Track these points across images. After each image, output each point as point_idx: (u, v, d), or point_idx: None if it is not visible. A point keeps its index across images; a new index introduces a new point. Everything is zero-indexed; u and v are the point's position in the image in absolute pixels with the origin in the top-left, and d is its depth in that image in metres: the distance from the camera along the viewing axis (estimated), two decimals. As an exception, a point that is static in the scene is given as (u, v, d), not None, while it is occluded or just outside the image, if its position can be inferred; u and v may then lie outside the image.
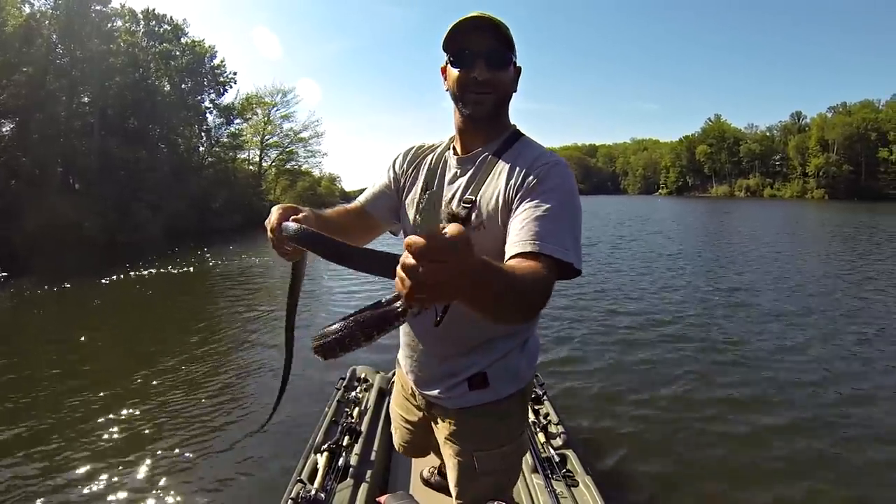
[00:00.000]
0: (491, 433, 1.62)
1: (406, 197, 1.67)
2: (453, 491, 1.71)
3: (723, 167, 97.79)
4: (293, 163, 54.58)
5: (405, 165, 1.71)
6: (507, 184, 1.39)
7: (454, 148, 1.59)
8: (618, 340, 6.69)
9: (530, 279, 1.08)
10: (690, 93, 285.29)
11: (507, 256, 1.25)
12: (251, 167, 48.91)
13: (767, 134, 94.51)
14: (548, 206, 1.28)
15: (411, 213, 1.61)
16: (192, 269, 16.23)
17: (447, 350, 1.60)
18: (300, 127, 53.08)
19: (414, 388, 1.78)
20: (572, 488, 2.33)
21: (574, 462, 2.53)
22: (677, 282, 10.68)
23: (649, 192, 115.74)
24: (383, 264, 0.93)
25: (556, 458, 2.53)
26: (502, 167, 1.43)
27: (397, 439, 2.02)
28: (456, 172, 1.55)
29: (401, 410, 1.94)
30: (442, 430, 1.69)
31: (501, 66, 1.41)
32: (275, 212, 1.32)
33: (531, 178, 1.36)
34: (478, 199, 1.44)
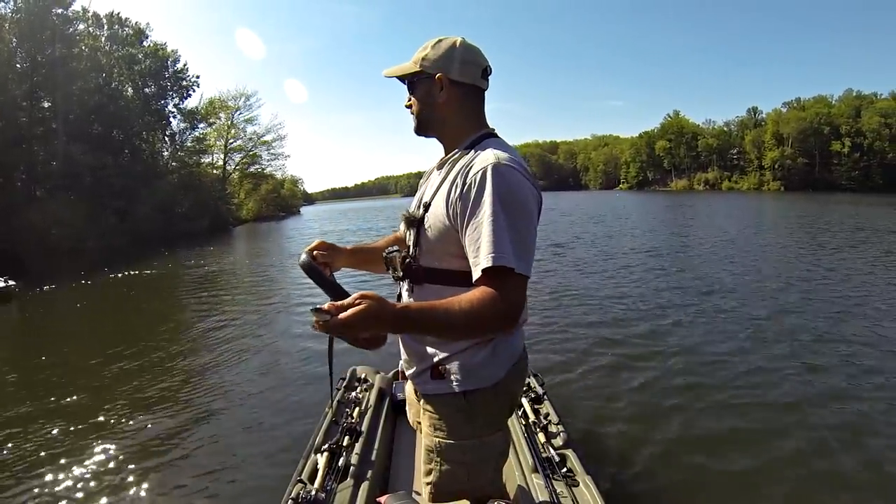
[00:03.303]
0: (450, 424, 1.66)
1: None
2: (421, 469, 1.80)
3: (682, 161, 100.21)
4: (257, 166, 54.32)
5: (422, 181, 1.85)
6: (448, 191, 1.50)
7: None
8: (619, 340, 6.65)
9: (467, 307, 1.27)
10: (655, 89, 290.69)
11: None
12: (215, 171, 48.53)
13: (725, 129, 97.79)
14: (482, 218, 1.37)
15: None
16: (162, 273, 16.64)
17: (413, 340, 1.71)
18: (263, 130, 52.91)
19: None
20: (572, 488, 2.31)
21: (574, 462, 2.51)
22: (674, 280, 10.64)
23: (610, 188, 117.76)
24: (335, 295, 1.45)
25: (556, 458, 2.51)
26: (452, 173, 1.54)
27: (411, 417, 2.06)
28: (433, 177, 1.70)
29: (411, 389, 2.03)
30: (421, 410, 1.77)
31: (411, 91, 1.66)
32: (312, 245, 1.76)
33: (467, 187, 1.43)
34: (431, 202, 1.58)
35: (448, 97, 1.60)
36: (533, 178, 1.49)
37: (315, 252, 1.72)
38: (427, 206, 1.58)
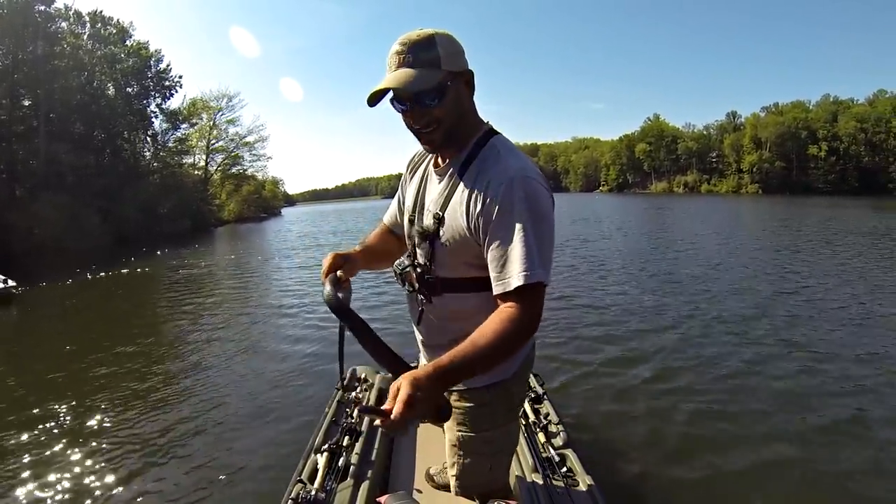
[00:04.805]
0: (472, 418, 1.69)
1: (404, 203, 1.78)
2: (447, 462, 1.85)
3: (661, 164, 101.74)
4: (238, 167, 54.16)
5: (407, 175, 1.80)
6: (467, 206, 1.44)
7: (436, 158, 1.64)
8: (618, 341, 6.69)
9: (499, 335, 1.27)
10: (635, 92, 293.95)
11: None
12: (197, 172, 48.30)
13: (704, 132, 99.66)
14: (510, 235, 1.35)
15: (405, 219, 1.72)
16: (147, 273, 16.66)
17: (433, 340, 1.71)
18: (245, 131, 52.82)
19: None
20: (572, 488, 2.33)
21: (574, 462, 2.53)
22: (666, 282, 10.65)
23: (590, 190, 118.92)
24: (388, 362, 1.31)
25: (556, 458, 2.53)
26: (466, 183, 1.48)
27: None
28: (434, 184, 1.62)
29: None
30: None
31: (434, 103, 1.41)
32: (326, 262, 1.64)
33: (490, 202, 1.39)
34: (444, 215, 1.51)
35: (470, 94, 1.53)
36: (546, 181, 1.47)
37: (338, 273, 1.61)
38: (440, 219, 1.52)
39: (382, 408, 1.11)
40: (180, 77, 43.18)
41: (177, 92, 43.78)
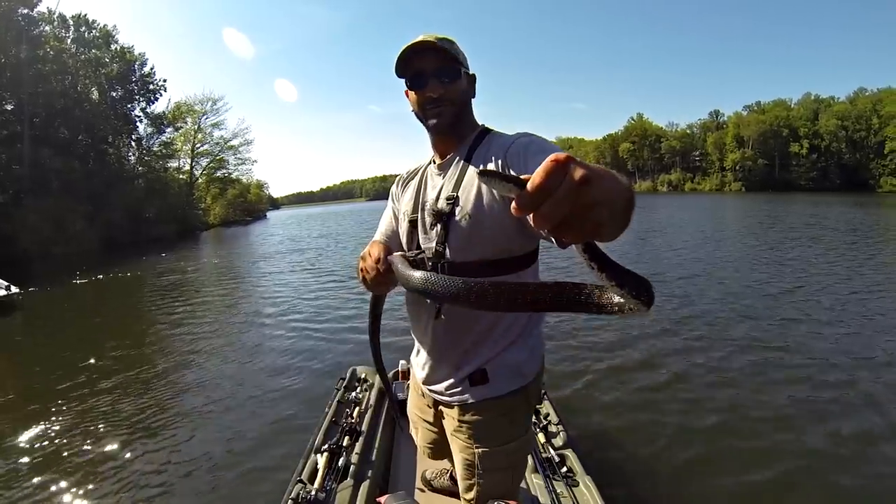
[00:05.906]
0: (493, 430, 1.63)
1: (399, 212, 1.77)
2: (460, 486, 1.76)
3: (645, 163, 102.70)
4: (224, 171, 54.08)
5: (398, 190, 1.83)
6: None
7: (434, 160, 1.69)
8: (618, 340, 6.65)
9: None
10: (618, 92, 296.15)
11: None
12: (182, 176, 48.16)
13: (687, 131, 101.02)
14: (545, 154, 1.04)
15: (404, 225, 1.70)
16: (134, 278, 16.57)
17: (449, 347, 1.64)
18: (230, 135, 52.81)
19: (421, 386, 1.83)
20: (572, 488, 2.33)
21: (574, 462, 2.53)
22: (668, 279, 10.64)
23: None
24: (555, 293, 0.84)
25: (556, 458, 2.53)
26: (476, 161, 1.53)
27: (419, 441, 2.00)
28: (437, 178, 1.64)
29: (416, 410, 1.96)
30: (448, 426, 1.73)
31: (452, 79, 1.52)
32: (374, 252, 1.57)
33: (510, 157, 1.42)
34: (459, 194, 1.52)
35: (472, 94, 1.65)
36: None
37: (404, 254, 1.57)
38: (454, 199, 1.52)
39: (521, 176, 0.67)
40: (164, 81, 43.22)
41: (161, 96, 43.87)
